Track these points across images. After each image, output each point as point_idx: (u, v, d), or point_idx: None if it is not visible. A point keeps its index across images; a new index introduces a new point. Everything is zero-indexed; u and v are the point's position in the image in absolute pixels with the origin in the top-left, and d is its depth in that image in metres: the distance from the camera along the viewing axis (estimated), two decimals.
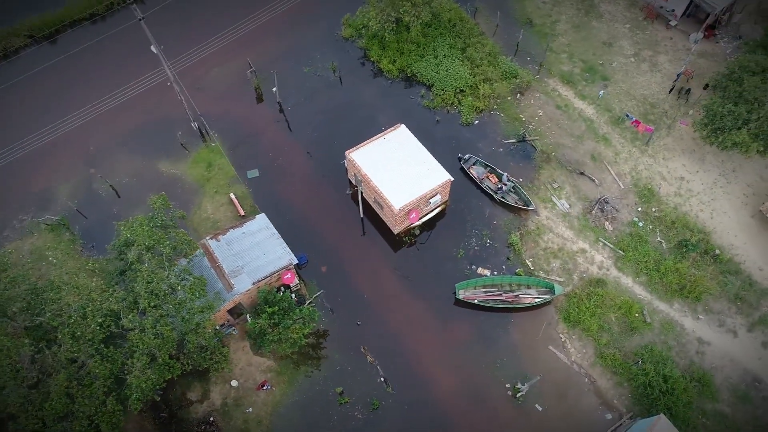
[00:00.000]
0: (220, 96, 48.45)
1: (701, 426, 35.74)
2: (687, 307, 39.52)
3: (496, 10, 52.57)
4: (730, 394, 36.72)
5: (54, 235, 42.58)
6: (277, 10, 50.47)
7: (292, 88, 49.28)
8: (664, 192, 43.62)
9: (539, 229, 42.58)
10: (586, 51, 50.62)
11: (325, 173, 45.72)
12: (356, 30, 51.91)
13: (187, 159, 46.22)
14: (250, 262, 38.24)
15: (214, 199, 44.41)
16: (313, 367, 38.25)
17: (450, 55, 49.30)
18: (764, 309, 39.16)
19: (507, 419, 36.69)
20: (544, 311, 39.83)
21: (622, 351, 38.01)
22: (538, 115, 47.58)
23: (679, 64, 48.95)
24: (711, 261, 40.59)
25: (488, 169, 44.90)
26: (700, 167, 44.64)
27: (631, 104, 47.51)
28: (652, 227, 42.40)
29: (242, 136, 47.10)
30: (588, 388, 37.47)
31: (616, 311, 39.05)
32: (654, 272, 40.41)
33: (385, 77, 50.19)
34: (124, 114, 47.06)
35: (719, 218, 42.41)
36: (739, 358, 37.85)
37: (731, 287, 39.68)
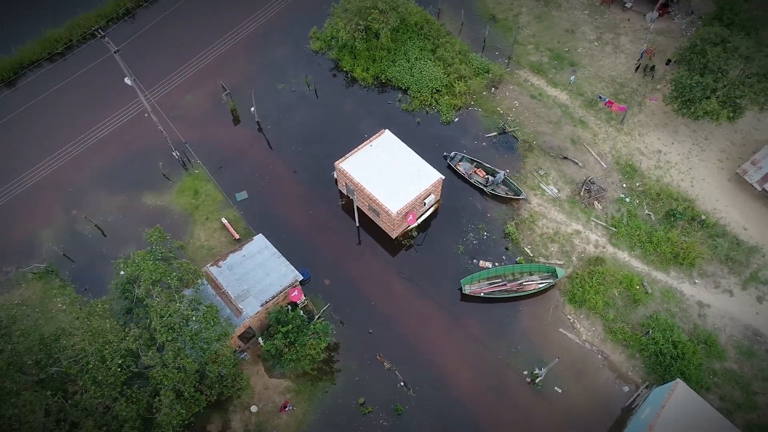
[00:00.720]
0: (198, 122, 47.80)
1: (713, 385, 37.02)
2: (683, 274, 40.96)
3: (458, 9, 53.59)
4: (736, 351, 38.19)
5: (43, 283, 41.12)
6: (244, 31, 50.46)
7: (268, 106, 49.02)
8: (645, 166, 45.20)
9: (533, 216, 43.48)
10: (550, 40, 52.11)
11: (315, 187, 45.60)
12: (325, 42, 52.08)
13: (171, 189, 45.35)
14: (254, 284, 37.73)
15: (206, 226, 43.69)
16: (332, 381, 37.95)
17: (422, 57, 49.97)
18: (754, 266, 40.95)
19: (529, 406, 37.17)
20: (549, 295, 40.62)
21: (629, 324, 39.10)
22: (515, 106, 48.66)
23: (640, 43, 50.94)
24: (698, 227, 42.22)
25: (475, 164, 45.61)
26: (675, 139, 46.45)
27: (602, 86, 49.13)
28: (638, 201, 43.85)
29: (225, 160, 46.53)
30: (602, 364, 38.36)
31: (617, 286, 40.16)
32: (647, 244, 41.77)
33: (360, 85, 50.48)
34: (103, 150, 45.98)
35: (699, 185, 44.20)
36: (738, 316, 39.43)
37: (721, 249, 41.34)
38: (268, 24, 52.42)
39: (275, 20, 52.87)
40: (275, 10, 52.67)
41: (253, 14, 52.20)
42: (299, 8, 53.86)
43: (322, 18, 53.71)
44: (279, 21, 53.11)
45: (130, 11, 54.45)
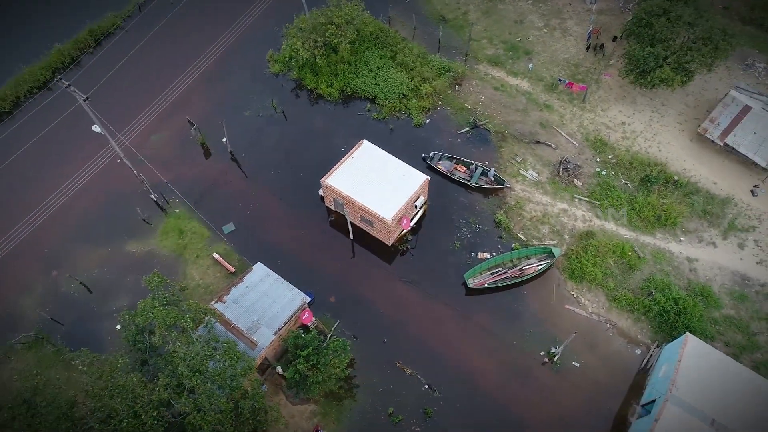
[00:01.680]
0: (170, 160, 46.62)
1: (716, 333, 38.93)
2: (668, 234, 42.99)
3: (408, 14, 54.65)
4: (729, 297, 40.33)
5: (35, 352, 39.05)
6: (203, 65, 50.10)
7: (238, 134, 48.39)
8: (613, 139, 47.27)
9: (519, 202, 44.64)
10: (502, 32, 53.86)
11: (301, 207, 45.27)
12: (284, 64, 51.94)
13: (154, 232, 43.98)
14: (263, 313, 37.08)
15: (198, 264, 42.58)
16: (357, 397, 37.61)
17: (383, 65, 50.60)
18: (729, 216, 43.44)
19: (552, 384, 37.98)
20: (550, 275, 41.74)
21: (629, 289, 40.66)
22: (481, 100, 49.94)
23: (585, 25, 53.39)
24: (673, 188, 44.45)
25: (454, 161, 46.46)
26: (635, 109, 48.82)
27: (558, 70, 51.13)
28: (614, 173, 45.76)
29: (205, 195, 45.54)
30: (612, 332, 39.69)
31: (611, 256, 41.70)
32: (630, 211, 43.63)
33: (327, 101, 50.60)
34: (78, 204, 44.28)
35: (666, 149, 46.58)
36: (725, 265, 41.69)
37: (697, 206, 43.66)
38: (225, 54, 51.97)
39: (231, 50, 52.45)
40: (230, 40, 52.27)
41: (209, 47, 51.70)
42: (252, 35, 53.57)
43: (276, 41, 53.72)
44: (235, 50, 52.67)
45: (76, 59, 52.74)
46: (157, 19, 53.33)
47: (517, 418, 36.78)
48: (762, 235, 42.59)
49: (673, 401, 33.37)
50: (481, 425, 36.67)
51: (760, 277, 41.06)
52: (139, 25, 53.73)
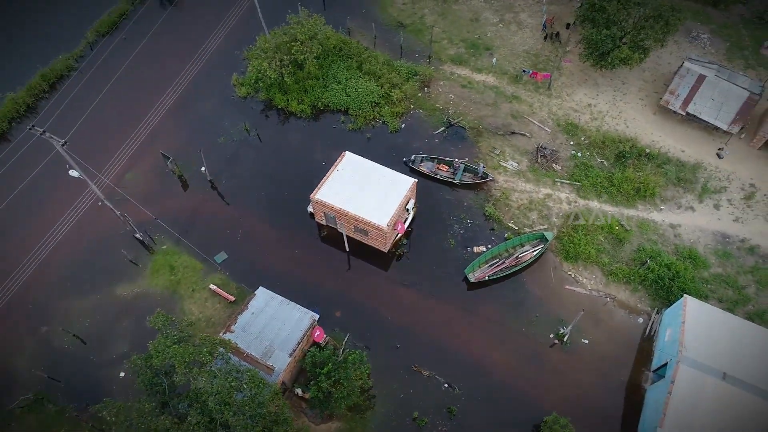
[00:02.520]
0: (151, 196, 45.32)
1: (709, 291, 40.76)
2: (648, 205, 44.81)
3: (366, 24, 55.27)
4: (715, 256, 42.33)
5: (36, 414, 37.16)
6: (170, 98, 49.19)
7: (215, 161, 47.65)
8: (583, 121, 49.01)
9: (504, 193, 45.63)
10: (460, 32, 55.13)
11: (291, 227, 44.87)
12: (251, 86, 51.52)
13: (144, 272, 42.68)
14: (275, 337, 36.53)
15: (195, 298, 41.55)
16: (379, 407, 37.41)
17: (351, 76, 50.93)
18: (701, 180, 45.67)
19: (565, 364, 38.85)
20: (546, 260, 42.78)
21: (623, 262, 42.11)
22: (451, 99, 50.90)
23: (538, 16, 55.30)
24: (646, 160, 46.43)
25: (436, 161, 47.11)
26: (597, 91, 50.81)
27: (520, 61, 52.71)
28: (589, 153, 47.43)
29: (191, 227, 44.55)
30: (613, 305, 40.97)
31: (601, 232, 43.13)
32: (611, 188, 45.28)
33: (300, 118, 50.49)
34: (62, 255, 42.56)
35: (633, 124, 48.64)
36: (705, 226, 43.77)
37: (671, 174, 45.72)
38: (191, 85, 51.30)
39: (196, 79, 51.77)
40: (194, 70, 51.59)
41: (174, 79, 50.87)
42: (215, 62, 52.97)
43: (238, 65, 53.36)
44: (200, 79, 51.95)
45: (32, 106, 50.92)
46: (112, 58, 52.00)
47: (537, 402, 37.38)
48: (733, 194, 44.98)
49: (684, 362, 34.71)
50: (505, 415, 37.11)
51: (739, 233, 43.30)
52: (94, 65, 52.20)
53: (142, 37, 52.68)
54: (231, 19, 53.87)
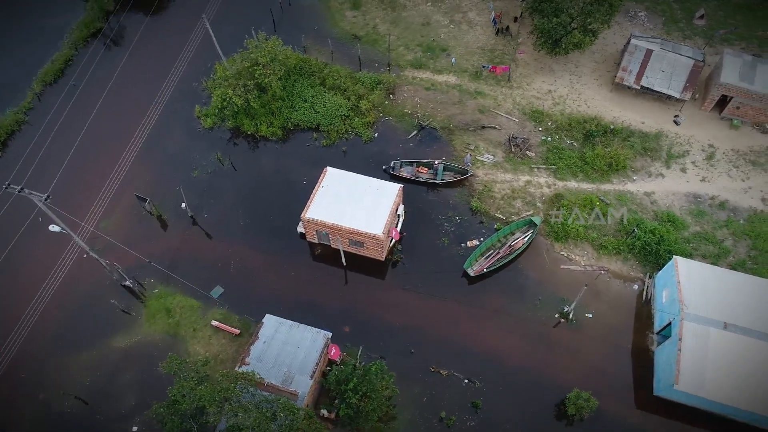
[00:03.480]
0: (135, 241, 43.50)
1: (693, 250, 42.97)
2: (622, 177, 46.91)
3: (321, 40, 55.57)
4: (690, 216, 44.72)
5: None
6: (138, 141, 47.78)
7: (193, 196, 46.55)
8: (546, 107, 50.85)
9: (486, 186, 46.71)
10: (414, 37, 56.22)
11: (283, 250, 44.30)
12: (216, 116, 50.70)
13: (139, 320, 41.14)
14: (292, 362, 35.96)
15: (198, 337, 40.36)
16: (405, 414, 37.35)
17: (316, 93, 51.01)
18: (665, 147, 48.25)
19: (575, 340, 40.01)
20: (537, 244, 44.02)
21: (610, 234, 43.84)
22: (418, 103, 51.74)
23: (485, 13, 57.13)
24: (612, 136, 48.62)
25: (415, 164, 47.74)
26: (554, 77, 52.90)
27: (477, 58, 54.24)
28: (558, 136, 49.25)
29: (181, 266, 43.24)
30: (608, 277, 42.55)
31: (583, 210, 44.77)
32: (585, 166, 47.15)
33: (272, 141, 50.10)
34: (51, 316, 40.48)
35: (593, 104, 50.88)
36: (676, 189, 46.22)
37: (636, 146, 48.06)
38: (157, 123, 49.87)
39: (161, 117, 50.32)
40: (157, 110, 50.25)
41: (139, 120, 49.30)
42: (175, 96, 51.67)
43: (199, 97, 52.50)
44: (164, 116, 50.59)
45: None
46: (66, 106, 49.80)
47: (556, 381, 38.30)
48: (696, 156, 47.75)
49: (688, 318, 36.49)
50: (528, 399, 37.84)
51: (708, 191, 45.96)
52: (47, 116, 49.91)
53: (94, 82, 51.04)
54: (185, 52, 52.89)
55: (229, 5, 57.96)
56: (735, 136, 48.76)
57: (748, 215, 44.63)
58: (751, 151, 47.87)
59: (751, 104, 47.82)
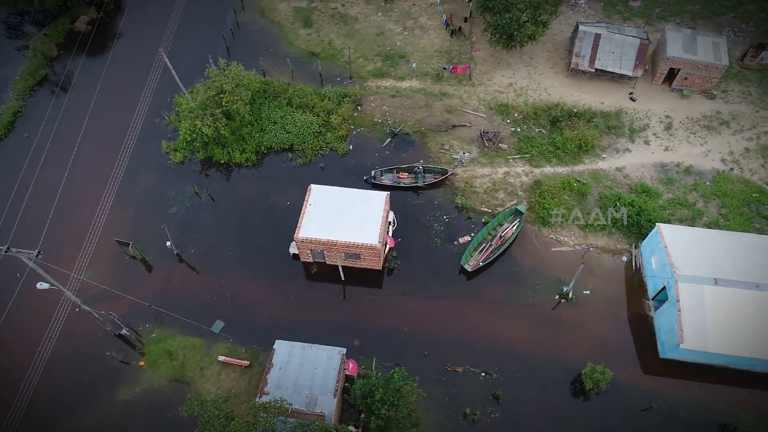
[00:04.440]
0: (124, 286, 41.83)
1: (669, 215, 45.19)
2: (592, 157, 48.90)
3: (279, 60, 55.46)
4: (661, 184, 47.03)
5: None
6: (114, 185, 46.28)
7: (176, 232, 45.28)
8: (510, 99, 52.47)
9: (468, 182, 47.65)
10: (371, 47, 56.90)
11: (277, 275, 43.63)
12: (185, 149, 49.60)
13: (141, 368, 39.51)
14: (311, 384, 35.48)
15: (206, 376, 39.15)
16: (430, 416, 37.38)
17: (285, 114, 50.78)
18: (627, 123, 50.66)
19: (578, 317, 41.22)
20: (525, 231, 45.19)
21: (593, 213, 45.52)
22: (386, 111, 52.32)
23: (436, 17, 58.52)
24: (576, 119, 50.65)
25: (395, 171, 48.18)
26: (512, 70, 54.70)
27: (436, 61, 55.43)
28: (526, 126, 50.88)
29: (175, 306, 41.80)
30: (597, 253, 44.16)
31: (563, 192, 46.34)
32: (556, 151, 48.90)
33: (247, 167, 49.42)
34: (49, 380, 38.29)
35: (553, 91, 52.89)
36: (644, 161, 48.57)
37: (601, 126, 50.24)
38: (129, 165, 48.37)
39: (131, 157, 48.82)
40: (128, 149, 48.76)
41: (113, 162, 47.80)
42: (142, 135, 50.33)
43: (164, 133, 51.30)
44: (134, 156, 49.06)
45: None
46: (19, 161, 47.52)
47: (569, 361, 39.31)
48: (656, 128, 50.37)
49: (681, 280, 38.32)
50: (546, 382, 38.68)
51: (672, 159, 48.54)
52: (3, 172, 47.61)
53: (49, 133, 49.01)
54: (146, 89, 51.65)
55: (181, 37, 57.05)
56: (687, 104, 51.78)
57: (713, 176, 47.40)
58: (704, 117, 50.94)
59: (696, 73, 50.95)
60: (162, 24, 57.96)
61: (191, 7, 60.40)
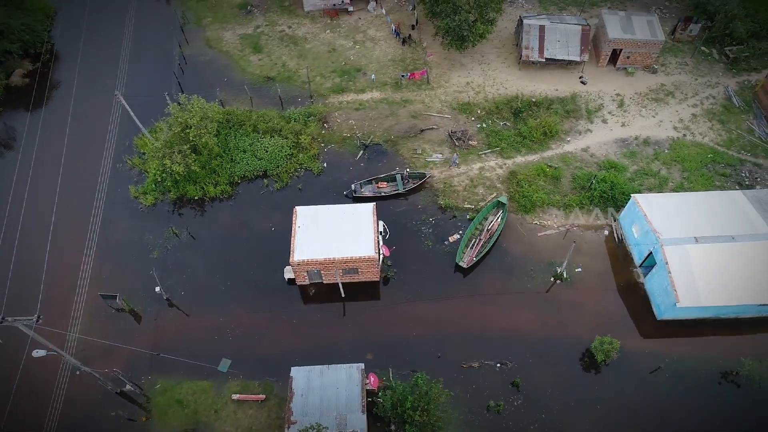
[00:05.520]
0: (119, 338, 39.93)
1: (639, 186, 47.63)
2: (558, 141, 50.99)
3: (235, 89, 54.82)
4: (625, 158, 49.60)
5: None
6: (93, 241, 44.44)
7: (163, 277, 43.54)
8: (470, 98, 53.99)
9: (446, 182, 48.54)
10: (326, 65, 57.15)
11: (276, 303, 42.78)
12: (155, 191, 48.00)
13: (151, 422, 37.69)
14: (337, 404, 34.97)
15: (221, 417, 37.79)
16: (455, 415, 37.49)
17: (254, 141, 50.13)
18: (582, 106, 53.18)
19: (575, 294, 42.58)
20: (510, 221, 46.44)
21: (569, 194, 47.38)
22: (353, 125, 52.61)
23: (384, 28, 59.56)
24: (536, 108, 52.72)
25: (374, 182, 48.45)
26: (467, 69, 56.36)
27: (392, 70, 56.32)
28: (491, 121, 52.45)
29: (175, 351, 40.23)
30: (581, 231, 45.94)
31: (538, 178, 48.00)
32: (524, 140, 50.66)
33: (223, 199, 48.35)
34: None
35: (509, 84, 54.86)
36: (605, 139, 51.09)
37: (560, 111, 52.53)
38: (104, 215, 46.46)
39: (105, 207, 46.89)
40: (100, 202, 46.77)
41: (88, 219, 45.65)
42: (108, 182, 48.34)
43: (128, 177, 49.50)
44: (107, 207, 47.02)
45: None
46: None
47: (577, 337, 40.57)
48: (610, 106, 53.17)
49: (666, 243, 40.46)
50: (560, 361, 39.72)
51: (630, 133, 51.32)
52: None
53: (23, 193, 46.45)
54: (99, 139, 49.76)
55: (132, 78, 55.48)
56: (633, 81, 54.96)
57: (669, 144, 50.45)
58: (650, 90, 54.22)
59: (637, 51, 54.24)
60: (106, 67, 56.28)
61: (137, 47, 59.00)
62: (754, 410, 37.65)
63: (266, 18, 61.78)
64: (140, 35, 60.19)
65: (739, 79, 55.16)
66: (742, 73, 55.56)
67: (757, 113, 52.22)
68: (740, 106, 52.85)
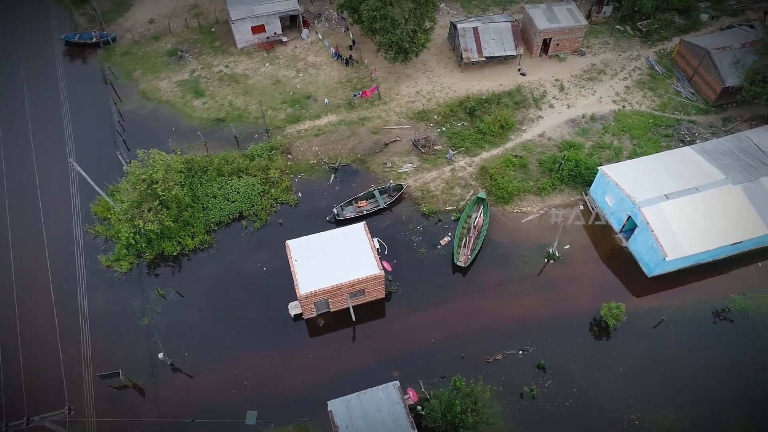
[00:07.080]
0: (127, 415, 37.14)
1: (599, 158, 50.76)
2: (515, 132, 53.41)
3: (186, 136, 53.08)
4: (579, 136, 52.79)
5: None
6: (85, 321, 41.03)
7: (160, 341, 41.11)
8: (423, 105, 55.42)
9: (423, 189, 49.40)
10: (275, 97, 56.64)
11: (286, 343, 41.54)
12: (128, 255, 45.27)
13: None
14: (384, 428, 34.38)
15: None
16: (495, 409, 37.72)
17: (222, 184, 48.67)
18: (528, 95, 56.10)
19: (570, 270, 44.55)
20: (493, 215, 47.95)
21: (540, 179, 49.64)
22: (317, 151, 52.38)
23: (322, 53, 60.00)
24: (487, 105, 55.00)
25: (354, 202, 48.41)
26: (413, 79, 57.88)
27: (341, 92, 56.74)
28: (449, 124, 54.09)
29: (198, 414, 37.97)
30: (558, 211, 48.18)
31: (508, 169, 49.97)
32: (484, 136, 52.62)
33: (203, 250, 46.42)
34: None
35: (456, 87, 56.89)
36: (557, 122, 54.16)
37: (510, 104, 55.12)
38: (88, 294, 43.00)
39: (87, 285, 43.52)
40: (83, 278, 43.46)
41: (76, 298, 42.23)
42: (83, 254, 45.09)
43: (94, 246, 46.47)
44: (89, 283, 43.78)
45: None
46: None
47: (584, 309, 42.49)
48: (553, 92, 56.47)
49: (642, 205, 43.39)
50: (576, 334, 41.40)
51: (577, 113, 54.71)
52: None
53: None
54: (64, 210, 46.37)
55: (78, 142, 52.25)
56: (567, 66, 58.75)
57: (614, 117, 54.28)
58: (584, 72, 58.18)
59: (565, 38, 58.12)
60: (54, 136, 52.80)
61: (75, 112, 55.58)
62: (749, 339, 40.97)
63: (200, 61, 60.37)
64: (75, 99, 56.91)
65: (656, 49, 60.44)
66: (657, 44, 60.92)
67: (679, 76, 57.44)
68: (663, 72, 57.90)
